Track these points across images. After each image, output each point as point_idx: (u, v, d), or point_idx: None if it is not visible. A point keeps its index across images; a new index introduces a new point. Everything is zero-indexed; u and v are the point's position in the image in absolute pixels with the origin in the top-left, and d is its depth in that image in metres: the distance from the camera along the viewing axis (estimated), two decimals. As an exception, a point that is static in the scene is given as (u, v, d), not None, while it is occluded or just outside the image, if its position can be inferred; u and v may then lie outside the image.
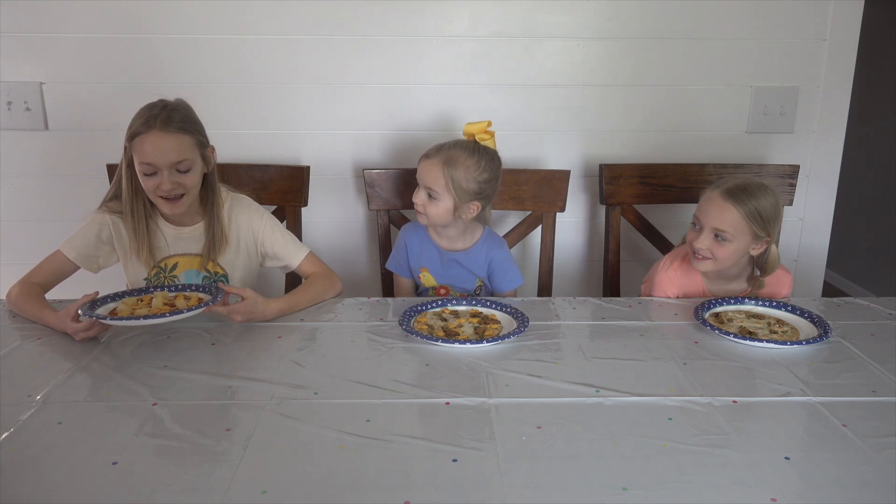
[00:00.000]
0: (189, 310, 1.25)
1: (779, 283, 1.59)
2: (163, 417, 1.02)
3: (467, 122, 1.62)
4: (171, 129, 1.38)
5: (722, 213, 1.46)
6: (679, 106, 1.97)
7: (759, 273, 1.57)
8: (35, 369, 1.17)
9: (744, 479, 0.89)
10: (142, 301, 1.34)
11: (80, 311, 1.24)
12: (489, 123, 1.60)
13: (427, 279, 1.68)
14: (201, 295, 1.36)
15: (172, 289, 1.39)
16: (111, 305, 1.33)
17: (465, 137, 1.60)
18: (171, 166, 1.40)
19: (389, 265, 1.74)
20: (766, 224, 1.47)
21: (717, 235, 1.47)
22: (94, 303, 1.29)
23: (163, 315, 1.23)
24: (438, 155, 1.55)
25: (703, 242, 1.48)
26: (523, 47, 1.91)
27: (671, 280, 1.58)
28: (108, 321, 1.23)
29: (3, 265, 2.01)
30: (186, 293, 1.37)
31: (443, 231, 1.65)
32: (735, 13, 1.90)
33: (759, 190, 1.47)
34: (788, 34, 1.93)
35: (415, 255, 1.68)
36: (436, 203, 1.55)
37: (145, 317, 1.24)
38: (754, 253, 1.52)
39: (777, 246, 1.54)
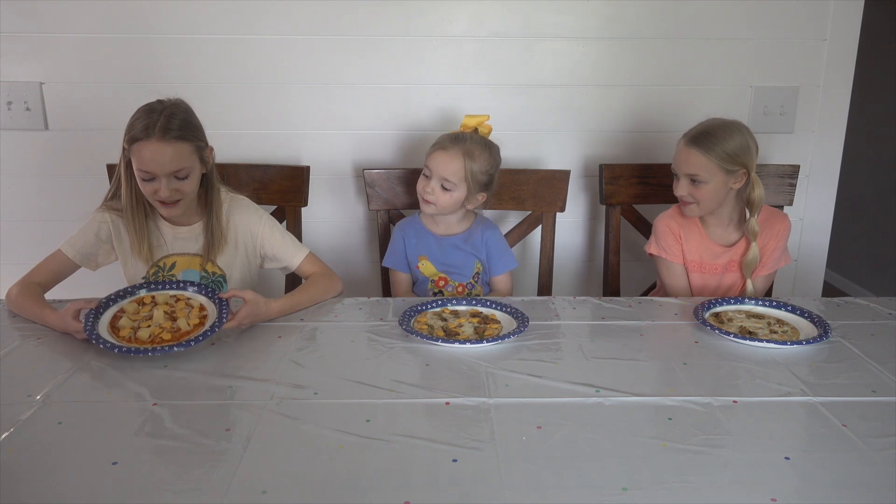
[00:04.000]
0: (196, 340, 1.22)
1: (775, 234, 1.62)
2: (163, 417, 1.02)
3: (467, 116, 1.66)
4: (170, 137, 1.37)
5: (690, 160, 1.55)
6: (679, 106, 1.97)
7: (748, 214, 1.60)
8: (35, 369, 1.17)
9: (744, 479, 0.89)
10: (143, 306, 1.33)
11: (82, 320, 1.24)
12: (487, 117, 1.65)
13: (426, 268, 1.69)
14: (202, 301, 1.36)
15: (172, 286, 1.38)
16: (114, 309, 1.32)
17: (461, 129, 1.64)
18: (170, 175, 1.40)
19: (386, 262, 1.75)
20: (733, 159, 1.53)
21: (693, 180, 1.55)
22: (97, 308, 1.29)
23: (171, 347, 1.20)
24: (456, 147, 1.58)
25: (682, 190, 1.58)
26: (523, 47, 1.91)
27: (671, 229, 1.66)
28: (111, 348, 1.20)
29: (3, 265, 2.00)
30: (188, 295, 1.37)
31: (441, 219, 1.68)
32: (735, 13, 1.90)
33: (721, 131, 1.54)
34: (788, 34, 1.93)
35: (412, 247, 1.70)
36: (449, 194, 1.59)
37: (153, 349, 1.19)
38: (735, 186, 1.57)
39: (756, 174, 1.57)
